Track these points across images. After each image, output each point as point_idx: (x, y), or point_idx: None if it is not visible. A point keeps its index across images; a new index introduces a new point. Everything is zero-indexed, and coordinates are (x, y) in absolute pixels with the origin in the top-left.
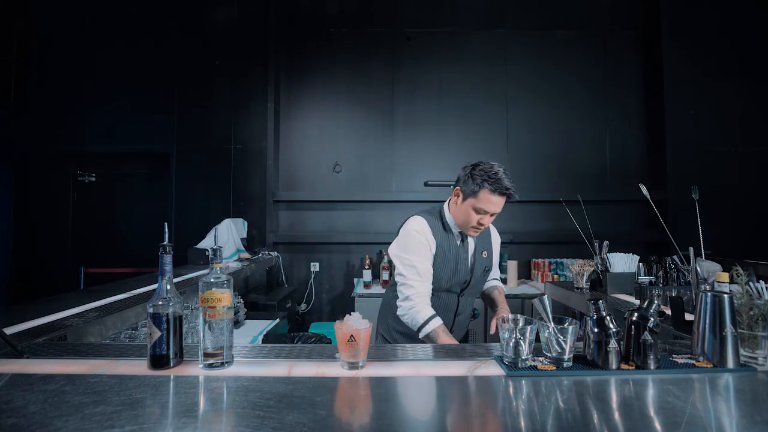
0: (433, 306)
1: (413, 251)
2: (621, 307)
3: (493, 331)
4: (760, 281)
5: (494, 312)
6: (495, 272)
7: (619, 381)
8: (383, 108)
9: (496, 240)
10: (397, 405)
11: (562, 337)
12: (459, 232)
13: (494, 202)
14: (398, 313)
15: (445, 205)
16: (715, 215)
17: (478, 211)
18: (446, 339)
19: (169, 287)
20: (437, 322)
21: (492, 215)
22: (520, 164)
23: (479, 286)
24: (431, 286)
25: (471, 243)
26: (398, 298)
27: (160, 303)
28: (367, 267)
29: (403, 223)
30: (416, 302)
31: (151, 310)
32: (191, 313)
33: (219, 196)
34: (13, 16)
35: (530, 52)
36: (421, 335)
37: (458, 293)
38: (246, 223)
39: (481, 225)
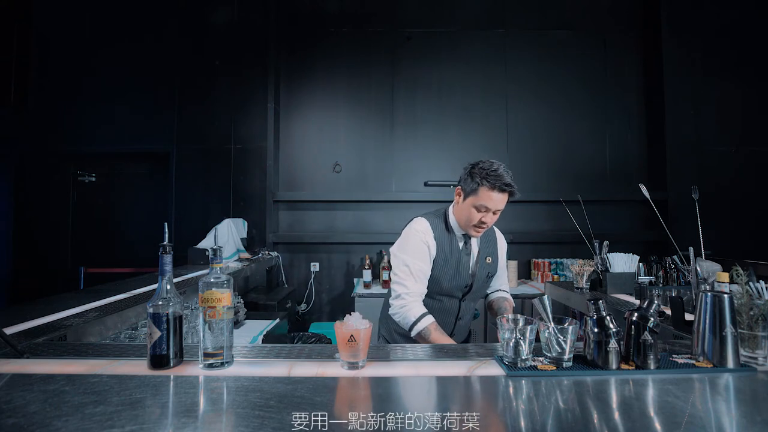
0: (434, 310)
1: (410, 251)
2: (621, 307)
3: None
4: (760, 281)
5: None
6: (503, 282)
7: (619, 381)
8: (383, 108)
9: (502, 247)
10: (397, 405)
11: (562, 337)
12: (463, 234)
13: (494, 199)
14: (390, 312)
15: (450, 207)
16: (715, 215)
17: (479, 209)
18: (439, 336)
19: (169, 287)
20: (429, 320)
21: (494, 213)
22: (520, 164)
23: (481, 291)
24: (425, 288)
25: (475, 247)
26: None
27: (160, 303)
28: (367, 267)
29: (407, 223)
30: (407, 301)
31: (151, 310)
32: (191, 313)
33: (219, 196)
34: (13, 16)
35: (530, 52)
36: (413, 334)
37: (460, 298)
38: (246, 223)
39: (483, 223)
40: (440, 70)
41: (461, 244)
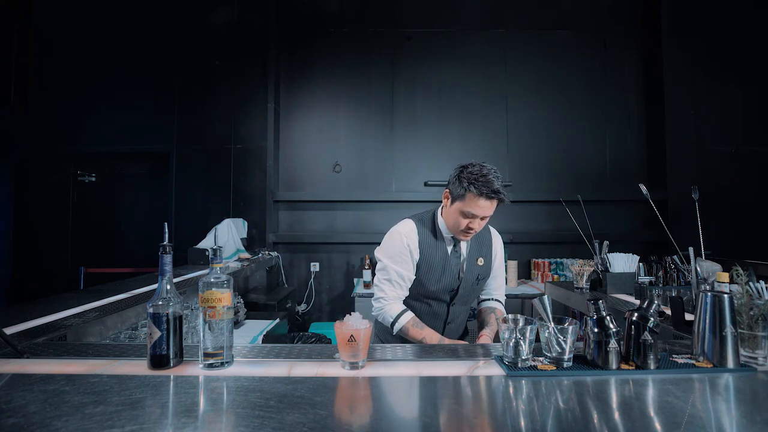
0: (422, 313)
1: (390, 255)
2: (621, 307)
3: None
4: (760, 281)
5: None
6: (499, 285)
7: (619, 381)
8: (383, 108)
9: (497, 247)
10: (397, 405)
11: (562, 337)
12: (452, 237)
13: (482, 206)
14: (372, 313)
15: (439, 209)
16: (715, 215)
17: (465, 215)
18: (416, 332)
19: (169, 287)
20: (407, 317)
21: (482, 219)
22: (520, 164)
23: (472, 295)
24: (405, 291)
25: (464, 249)
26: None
27: (160, 303)
28: (367, 267)
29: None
30: (384, 304)
31: (151, 310)
32: (191, 313)
33: (219, 196)
34: (13, 17)
35: (530, 52)
36: (394, 332)
37: (448, 302)
38: (246, 223)
39: (471, 229)
40: (440, 70)
41: (449, 248)
